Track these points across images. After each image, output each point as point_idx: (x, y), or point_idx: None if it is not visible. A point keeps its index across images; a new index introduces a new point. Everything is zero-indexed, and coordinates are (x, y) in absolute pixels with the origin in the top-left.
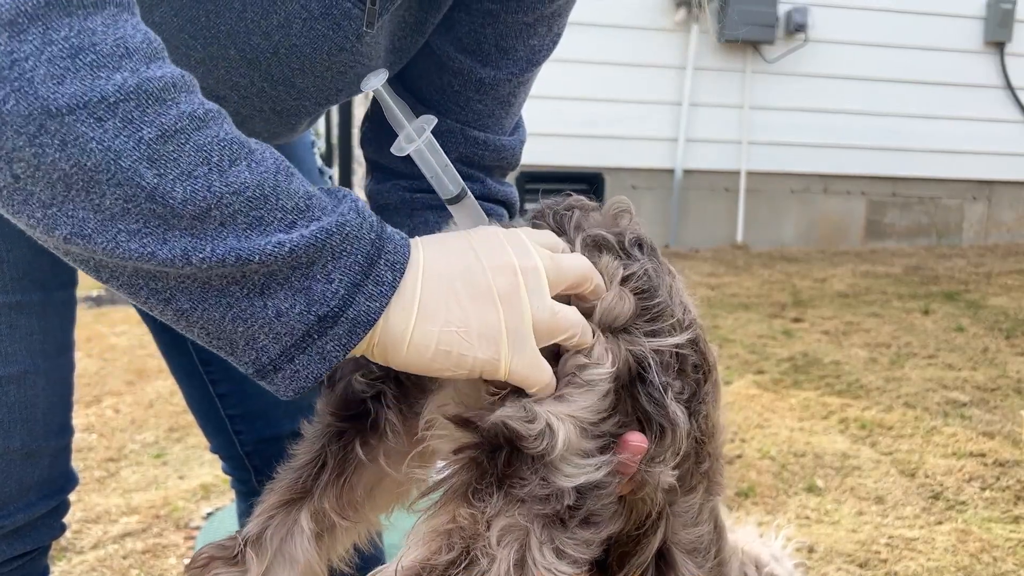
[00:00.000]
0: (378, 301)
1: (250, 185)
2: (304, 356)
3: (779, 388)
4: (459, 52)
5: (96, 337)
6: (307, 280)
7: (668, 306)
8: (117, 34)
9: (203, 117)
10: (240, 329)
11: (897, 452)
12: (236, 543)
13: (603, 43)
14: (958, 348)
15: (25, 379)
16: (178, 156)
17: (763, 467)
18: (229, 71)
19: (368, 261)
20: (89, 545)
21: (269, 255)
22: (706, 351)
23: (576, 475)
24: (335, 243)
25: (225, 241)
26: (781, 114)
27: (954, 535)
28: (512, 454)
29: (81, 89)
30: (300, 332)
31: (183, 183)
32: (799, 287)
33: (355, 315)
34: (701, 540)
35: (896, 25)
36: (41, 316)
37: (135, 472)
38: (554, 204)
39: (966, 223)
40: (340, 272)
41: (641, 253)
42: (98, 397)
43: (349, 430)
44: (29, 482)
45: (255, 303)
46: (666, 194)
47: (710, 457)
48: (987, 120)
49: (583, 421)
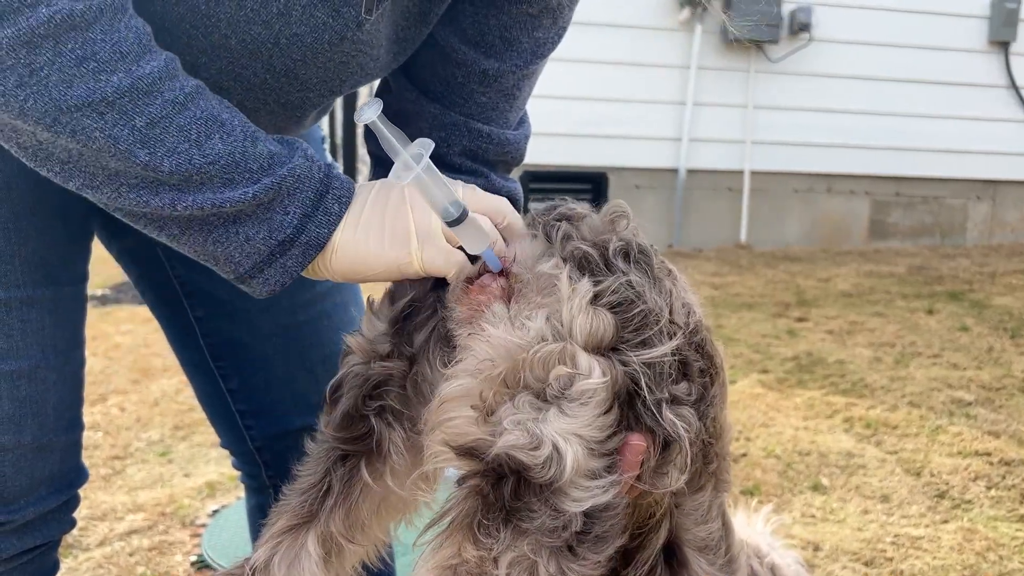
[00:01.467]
0: (327, 228)
1: (223, 155)
2: (271, 269)
3: (784, 387)
4: (463, 43)
5: (101, 336)
6: (269, 213)
7: (654, 312)
8: (113, 39)
9: (183, 101)
10: (220, 249)
11: (902, 451)
12: (244, 570)
13: (607, 42)
14: (963, 347)
15: (36, 374)
16: (164, 137)
17: (768, 466)
18: (231, 62)
19: (317, 196)
20: (95, 542)
21: (238, 201)
22: (712, 353)
23: (585, 499)
24: (289, 184)
25: (204, 194)
26: (785, 114)
27: (960, 534)
28: (519, 483)
29: (86, 91)
30: (265, 252)
31: (169, 158)
32: (803, 287)
33: (307, 239)
34: (712, 537)
35: (900, 25)
36: (52, 311)
37: (141, 470)
38: (545, 212)
39: (970, 223)
40: (295, 206)
41: (625, 263)
42: (104, 395)
43: (353, 452)
44: (40, 476)
45: (230, 230)
46: (670, 194)
47: (717, 457)
48: (991, 120)
49: (590, 440)
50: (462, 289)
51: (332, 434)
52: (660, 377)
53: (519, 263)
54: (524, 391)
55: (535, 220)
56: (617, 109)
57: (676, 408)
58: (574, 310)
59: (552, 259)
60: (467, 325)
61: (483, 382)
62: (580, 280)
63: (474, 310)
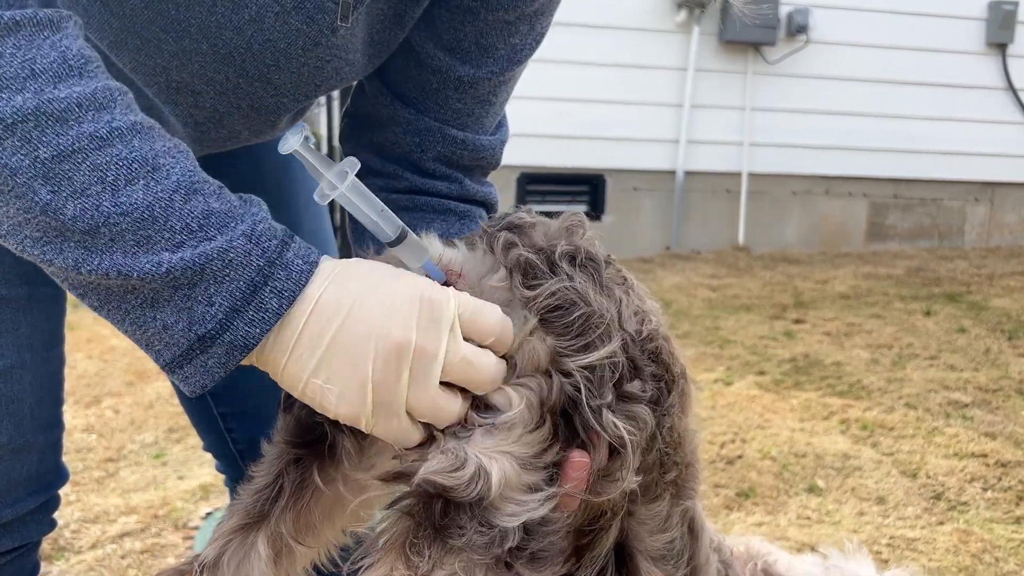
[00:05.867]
0: (258, 327)
1: (140, 206)
2: (190, 367)
3: (780, 389)
4: (438, 49)
5: (96, 339)
6: (189, 300)
7: (598, 315)
8: (26, 56)
9: (106, 136)
10: (138, 333)
11: (898, 453)
12: (193, 567)
13: (604, 45)
14: (960, 349)
15: (11, 374)
16: (72, 175)
17: (764, 467)
18: (203, 66)
19: (251, 288)
20: (87, 545)
21: (147, 274)
22: (669, 361)
23: (519, 513)
24: (216, 268)
25: (112, 256)
26: (783, 116)
27: (955, 535)
28: (447, 503)
29: None
30: (184, 346)
31: (74, 201)
32: (801, 288)
33: (232, 339)
34: (672, 546)
35: (898, 27)
36: (27, 311)
37: (134, 472)
38: (493, 223)
39: (968, 225)
40: (221, 296)
41: (571, 266)
42: (98, 398)
43: (306, 456)
44: (17, 478)
45: (147, 313)
46: (667, 196)
47: (677, 466)
48: (989, 122)
49: (521, 455)
50: None
51: (284, 439)
52: (602, 381)
53: (464, 279)
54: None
55: (483, 232)
56: (614, 111)
57: (626, 407)
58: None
59: (498, 272)
60: None
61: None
62: (523, 288)
63: None
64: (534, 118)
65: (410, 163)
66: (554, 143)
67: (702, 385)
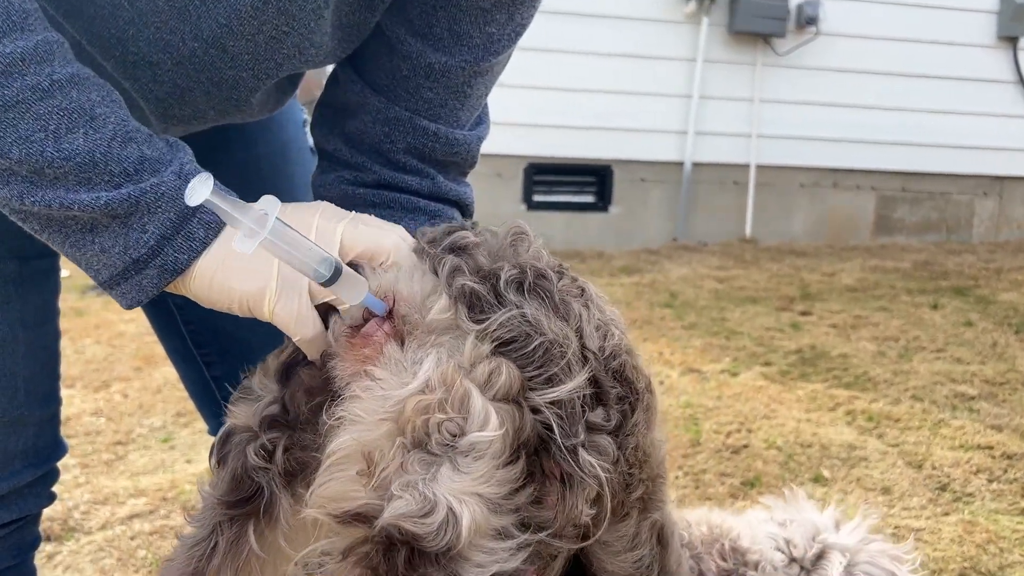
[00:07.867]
0: (186, 254)
1: (81, 152)
2: (127, 284)
3: (786, 380)
4: (409, 35)
5: (105, 324)
6: (125, 227)
7: (557, 343)
8: None
9: (48, 88)
10: (77, 254)
11: (904, 444)
12: None
13: (612, 35)
14: (967, 342)
15: (4, 348)
16: (17, 123)
17: (770, 457)
18: (159, 27)
19: (180, 218)
20: (97, 526)
21: (87, 205)
22: (633, 378)
23: (488, 564)
24: (150, 200)
25: (55, 191)
26: (791, 108)
27: (960, 526)
28: (413, 552)
29: None
30: (120, 267)
31: (19, 146)
32: (807, 281)
33: (163, 263)
34: (641, 563)
35: (908, 19)
36: (19, 284)
37: (143, 456)
38: (434, 243)
39: (977, 219)
40: (153, 225)
41: (518, 294)
42: (107, 382)
43: (240, 516)
44: (13, 450)
45: (86, 237)
46: (675, 187)
47: (643, 482)
48: (999, 115)
49: (491, 497)
50: (346, 339)
51: (217, 499)
52: (573, 418)
53: (407, 303)
54: (414, 447)
55: (424, 251)
56: (622, 102)
57: (593, 438)
58: (473, 359)
59: (441, 299)
60: (353, 377)
61: (369, 439)
62: (470, 322)
63: (360, 362)
64: (542, 108)
65: (379, 154)
66: (562, 134)
67: (708, 376)
